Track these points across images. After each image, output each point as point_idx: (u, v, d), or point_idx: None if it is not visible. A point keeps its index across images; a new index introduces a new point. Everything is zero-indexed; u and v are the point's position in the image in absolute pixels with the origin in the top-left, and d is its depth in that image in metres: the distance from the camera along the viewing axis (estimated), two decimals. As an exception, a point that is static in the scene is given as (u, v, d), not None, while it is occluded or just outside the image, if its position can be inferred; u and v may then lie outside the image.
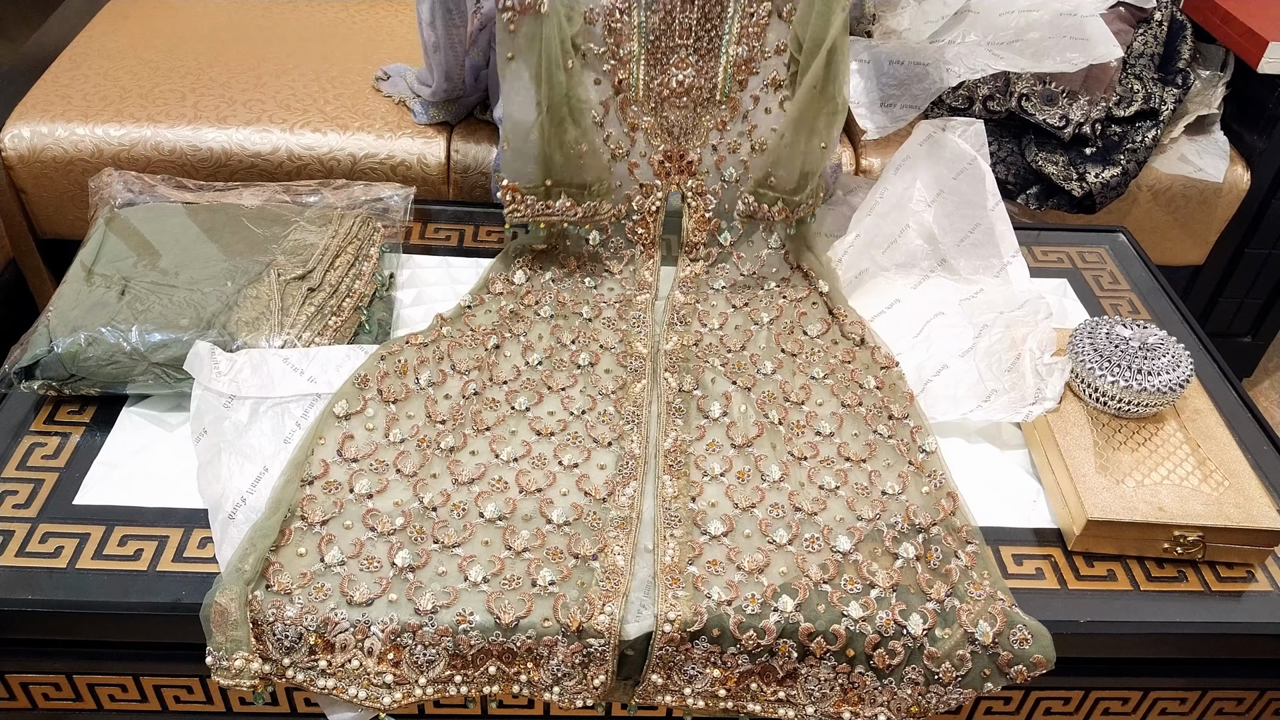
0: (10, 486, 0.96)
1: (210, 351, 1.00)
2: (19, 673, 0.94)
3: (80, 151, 1.50)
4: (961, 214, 1.24)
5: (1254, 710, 1.01)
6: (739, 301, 1.18)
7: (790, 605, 0.87)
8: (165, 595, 0.88)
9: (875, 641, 0.86)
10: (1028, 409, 1.05)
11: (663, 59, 1.10)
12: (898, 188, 1.27)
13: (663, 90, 1.12)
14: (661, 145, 1.14)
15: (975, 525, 0.95)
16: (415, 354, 1.06)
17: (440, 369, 1.05)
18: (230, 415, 0.97)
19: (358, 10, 1.87)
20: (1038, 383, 1.06)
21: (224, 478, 0.93)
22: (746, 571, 0.89)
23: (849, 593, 0.88)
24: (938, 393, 1.09)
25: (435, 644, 0.85)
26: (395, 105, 1.58)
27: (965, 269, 1.23)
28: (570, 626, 0.84)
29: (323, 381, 1.00)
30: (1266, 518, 0.94)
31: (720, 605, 0.86)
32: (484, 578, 0.87)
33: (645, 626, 0.86)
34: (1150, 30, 1.61)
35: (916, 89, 1.51)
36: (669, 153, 1.15)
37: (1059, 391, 1.05)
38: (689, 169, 1.17)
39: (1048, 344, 1.10)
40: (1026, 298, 1.18)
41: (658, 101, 1.11)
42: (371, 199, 1.25)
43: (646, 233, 1.20)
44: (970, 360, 1.11)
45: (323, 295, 1.09)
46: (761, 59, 1.12)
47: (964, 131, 1.25)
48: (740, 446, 1.01)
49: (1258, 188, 1.64)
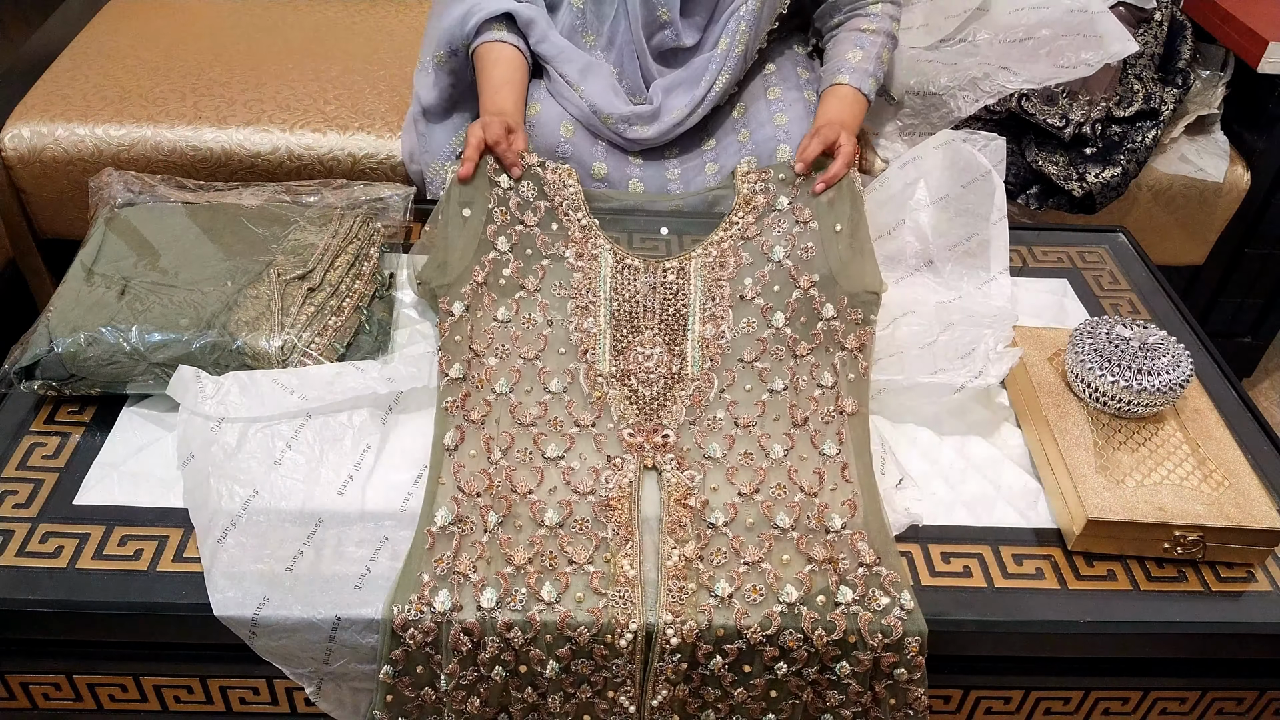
0: (10, 486, 0.96)
1: (195, 376, 0.99)
2: (19, 673, 0.94)
3: (80, 151, 1.50)
4: (961, 222, 1.24)
5: (1254, 710, 1.01)
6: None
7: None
8: (165, 595, 0.88)
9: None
10: (970, 378, 1.05)
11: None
12: (901, 182, 1.27)
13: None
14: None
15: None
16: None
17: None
18: (218, 439, 0.96)
19: (358, 10, 1.87)
20: (984, 364, 1.07)
21: (213, 502, 0.92)
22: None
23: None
24: (883, 366, 1.09)
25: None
26: (395, 105, 1.58)
27: (950, 274, 1.23)
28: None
29: (313, 400, 0.99)
30: (1266, 518, 0.94)
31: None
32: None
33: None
34: (1150, 30, 1.61)
35: (935, 117, 1.52)
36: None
37: (1003, 373, 1.06)
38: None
39: (1004, 340, 1.11)
40: (1000, 312, 1.18)
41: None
42: (371, 199, 1.25)
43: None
44: (929, 351, 1.12)
45: (323, 295, 1.09)
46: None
47: (984, 146, 1.25)
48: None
49: (1258, 188, 1.64)
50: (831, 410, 1.03)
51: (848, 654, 0.87)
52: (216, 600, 0.86)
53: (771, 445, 1.00)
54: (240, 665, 0.91)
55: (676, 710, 0.89)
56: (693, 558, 0.90)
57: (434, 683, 0.88)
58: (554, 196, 1.14)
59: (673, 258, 1.14)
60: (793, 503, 0.95)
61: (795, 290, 1.10)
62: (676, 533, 0.92)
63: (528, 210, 1.13)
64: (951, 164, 1.25)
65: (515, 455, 0.98)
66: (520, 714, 0.89)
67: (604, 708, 0.88)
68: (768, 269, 1.12)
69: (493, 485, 0.94)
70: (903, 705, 0.89)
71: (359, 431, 1.00)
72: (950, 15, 1.56)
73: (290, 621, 0.86)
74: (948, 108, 1.51)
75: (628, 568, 0.89)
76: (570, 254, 1.12)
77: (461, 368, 1.03)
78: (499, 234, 1.11)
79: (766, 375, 1.06)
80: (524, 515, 0.93)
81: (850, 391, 1.05)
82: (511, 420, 1.01)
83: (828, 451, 1.00)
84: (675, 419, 1.02)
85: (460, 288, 1.08)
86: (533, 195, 1.14)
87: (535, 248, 1.12)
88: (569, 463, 0.98)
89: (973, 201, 1.23)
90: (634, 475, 0.97)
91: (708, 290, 1.11)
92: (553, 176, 1.15)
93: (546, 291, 1.10)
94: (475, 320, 1.07)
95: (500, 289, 1.09)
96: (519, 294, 1.09)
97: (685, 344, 1.07)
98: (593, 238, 1.13)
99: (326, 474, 0.96)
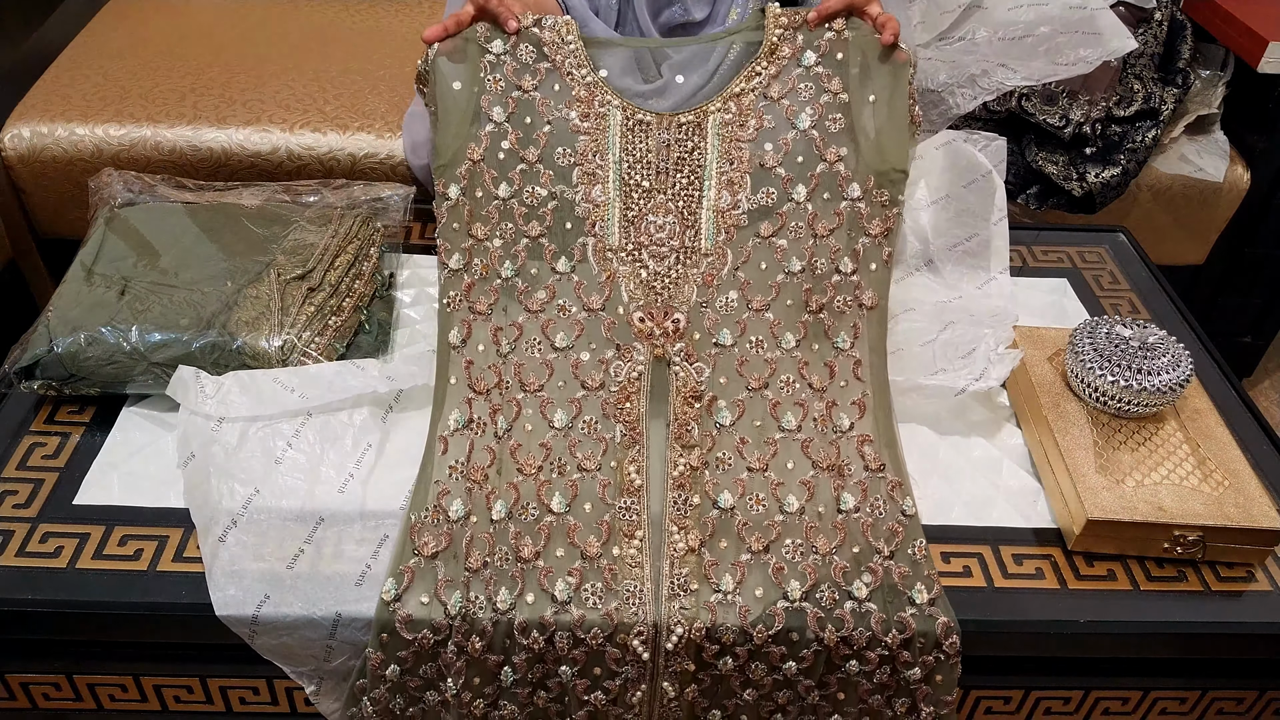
0: (10, 486, 0.96)
1: (194, 376, 0.99)
2: (19, 673, 0.94)
3: (80, 151, 1.50)
4: (962, 222, 1.24)
5: (1254, 710, 1.01)
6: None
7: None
8: (165, 595, 0.88)
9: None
10: (970, 381, 1.05)
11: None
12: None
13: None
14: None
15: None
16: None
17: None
18: (219, 438, 0.96)
19: (358, 10, 1.87)
20: (985, 365, 1.07)
21: (213, 501, 0.92)
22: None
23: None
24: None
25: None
26: (395, 105, 1.58)
27: (950, 274, 1.23)
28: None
29: (314, 398, 0.99)
30: (1266, 518, 0.94)
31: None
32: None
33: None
34: (1150, 30, 1.61)
35: (933, 114, 1.52)
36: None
37: (1003, 375, 1.05)
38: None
39: (1005, 340, 1.11)
40: (1000, 311, 1.17)
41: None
42: (371, 199, 1.25)
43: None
44: (929, 349, 1.12)
45: (323, 295, 1.09)
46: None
47: (985, 146, 1.25)
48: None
49: (1258, 188, 1.64)
50: (849, 299, 1.00)
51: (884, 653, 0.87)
52: (217, 598, 0.86)
53: (783, 333, 0.98)
54: (240, 665, 0.91)
55: (685, 713, 0.89)
56: (698, 465, 0.90)
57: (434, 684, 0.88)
58: (554, 56, 1.03)
59: (688, 110, 1.05)
60: (800, 400, 0.94)
61: (820, 163, 1.02)
62: (683, 437, 0.92)
63: (525, 74, 1.03)
64: (952, 164, 1.25)
65: (524, 349, 0.96)
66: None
67: (618, 713, 0.88)
68: (791, 136, 1.03)
69: (502, 381, 0.94)
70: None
71: (360, 430, 1.00)
72: (946, 11, 1.56)
73: (291, 619, 0.86)
74: (946, 105, 1.51)
75: (634, 475, 0.89)
76: (575, 115, 1.02)
77: (462, 257, 0.99)
78: (494, 104, 1.02)
79: (784, 254, 1.00)
80: (534, 416, 0.93)
81: (871, 283, 1.00)
82: (519, 307, 0.98)
83: (841, 345, 0.97)
84: (687, 300, 0.98)
85: (455, 169, 1.01)
86: (531, 58, 1.04)
87: (535, 113, 1.02)
88: (578, 353, 0.96)
89: (973, 201, 1.23)
90: (644, 367, 0.95)
91: (725, 152, 1.03)
92: (551, 35, 1.04)
93: (549, 161, 1.02)
94: (475, 202, 1.01)
95: (499, 164, 1.01)
96: (520, 167, 1.01)
97: (700, 212, 1.01)
98: (599, 94, 1.03)
99: (327, 472, 0.96)
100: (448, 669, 0.86)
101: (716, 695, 0.88)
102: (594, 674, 0.85)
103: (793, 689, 0.88)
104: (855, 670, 0.87)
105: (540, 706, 0.88)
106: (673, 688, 0.86)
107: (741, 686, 0.88)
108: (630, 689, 0.86)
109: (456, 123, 1.02)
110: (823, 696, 0.89)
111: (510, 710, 0.87)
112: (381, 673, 0.86)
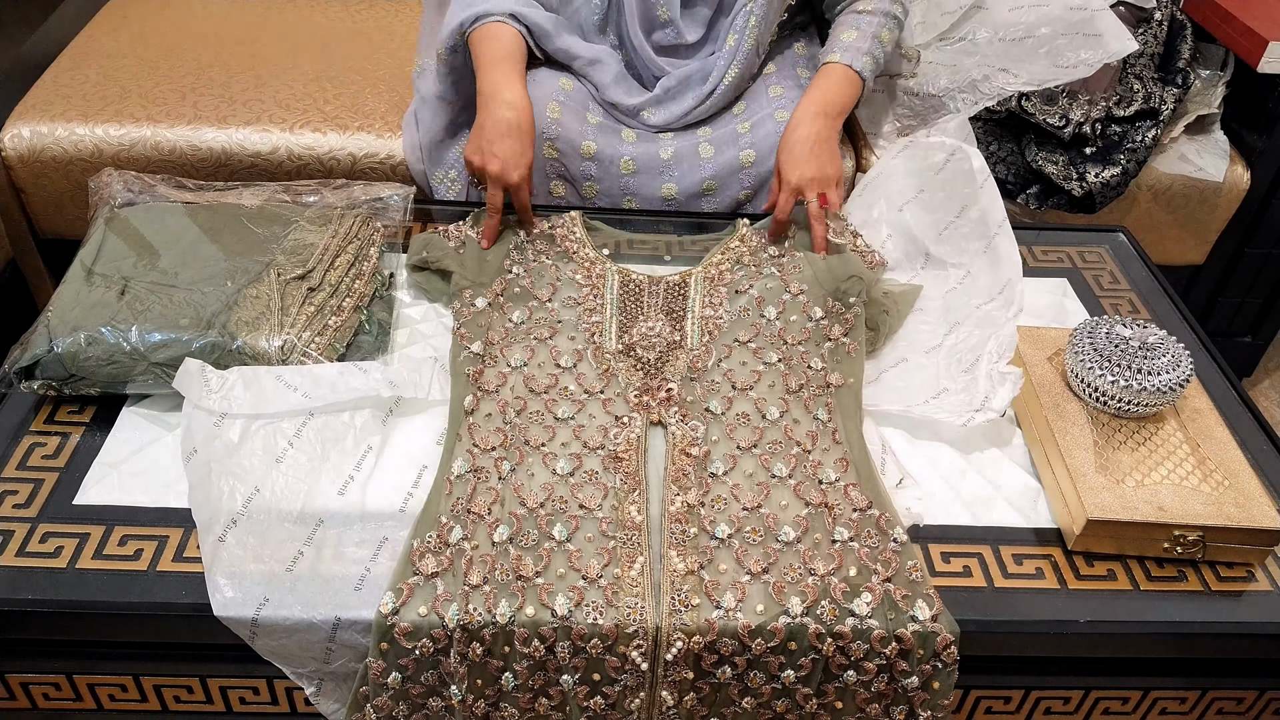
0: (10, 486, 0.96)
1: (200, 369, 0.99)
2: (19, 673, 0.94)
3: (80, 151, 1.50)
4: (944, 204, 1.24)
5: (1254, 710, 1.01)
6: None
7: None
8: (165, 595, 0.88)
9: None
10: (971, 414, 1.04)
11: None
12: (859, 215, 1.29)
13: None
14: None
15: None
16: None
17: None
18: (220, 435, 0.96)
19: (358, 10, 1.87)
20: (988, 388, 1.06)
21: (214, 498, 0.92)
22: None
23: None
24: (889, 383, 1.10)
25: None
26: (395, 105, 1.58)
27: (950, 254, 1.23)
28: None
29: (316, 398, 0.99)
30: (1266, 517, 0.94)
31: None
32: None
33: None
34: (1150, 30, 1.61)
35: (934, 118, 1.52)
36: None
37: (1005, 404, 1.04)
38: None
39: (1007, 348, 1.09)
40: (1009, 276, 1.17)
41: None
42: (371, 199, 1.25)
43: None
44: (933, 357, 1.12)
45: (323, 295, 1.09)
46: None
47: (944, 126, 1.25)
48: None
49: (1258, 188, 1.64)
50: (820, 386, 1.08)
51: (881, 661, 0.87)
52: (217, 600, 0.86)
53: (767, 407, 1.04)
54: (240, 665, 0.91)
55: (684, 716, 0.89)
56: (694, 504, 0.94)
57: (436, 684, 0.88)
58: (563, 242, 1.23)
59: (674, 274, 1.20)
60: (789, 455, 0.99)
61: (785, 294, 1.17)
62: (680, 480, 0.96)
63: (541, 253, 1.23)
64: (918, 162, 1.26)
65: (529, 415, 1.02)
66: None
67: (617, 717, 0.89)
68: (764, 275, 1.20)
69: (507, 440, 0.99)
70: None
71: (360, 432, 1.00)
72: (946, 12, 1.56)
73: (290, 622, 0.86)
74: (946, 110, 1.52)
75: (634, 513, 0.92)
76: (579, 277, 1.20)
77: (481, 345, 1.10)
78: (514, 265, 1.21)
79: (761, 352, 1.11)
80: (536, 464, 0.97)
81: (836, 368, 1.09)
82: (525, 389, 1.05)
83: (820, 416, 1.04)
84: (678, 373, 1.08)
85: (481, 289, 1.17)
86: (544, 244, 1.24)
87: (548, 271, 1.20)
88: (579, 421, 1.02)
89: (951, 179, 1.24)
90: (641, 431, 1.01)
91: (707, 290, 1.18)
92: (562, 231, 1.24)
93: (557, 300, 1.17)
94: (493, 318, 1.14)
95: (515, 297, 1.17)
96: (531, 302, 1.16)
97: (685, 321, 1.14)
98: (599, 265, 1.21)
99: (328, 473, 0.96)
100: (450, 677, 0.86)
101: (715, 703, 0.89)
102: (593, 680, 0.86)
103: (791, 697, 0.88)
104: (853, 680, 0.87)
105: (541, 714, 0.88)
106: (671, 696, 0.87)
107: (740, 695, 0.88)
108: (629, 696, 0.86)
109: (481, 273, 1.19)
110: (820, 705, 0.89)
111: (511, 714, 0.88)
112: (383, 680, 0.86)
